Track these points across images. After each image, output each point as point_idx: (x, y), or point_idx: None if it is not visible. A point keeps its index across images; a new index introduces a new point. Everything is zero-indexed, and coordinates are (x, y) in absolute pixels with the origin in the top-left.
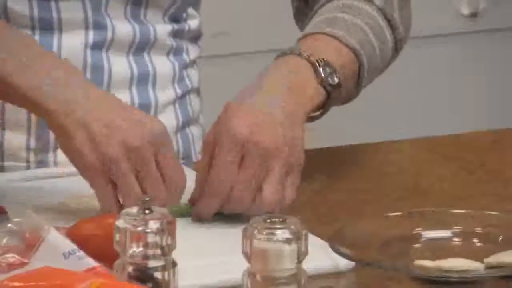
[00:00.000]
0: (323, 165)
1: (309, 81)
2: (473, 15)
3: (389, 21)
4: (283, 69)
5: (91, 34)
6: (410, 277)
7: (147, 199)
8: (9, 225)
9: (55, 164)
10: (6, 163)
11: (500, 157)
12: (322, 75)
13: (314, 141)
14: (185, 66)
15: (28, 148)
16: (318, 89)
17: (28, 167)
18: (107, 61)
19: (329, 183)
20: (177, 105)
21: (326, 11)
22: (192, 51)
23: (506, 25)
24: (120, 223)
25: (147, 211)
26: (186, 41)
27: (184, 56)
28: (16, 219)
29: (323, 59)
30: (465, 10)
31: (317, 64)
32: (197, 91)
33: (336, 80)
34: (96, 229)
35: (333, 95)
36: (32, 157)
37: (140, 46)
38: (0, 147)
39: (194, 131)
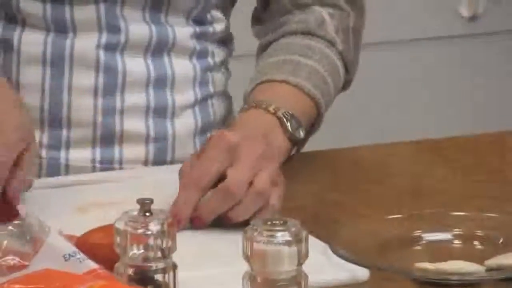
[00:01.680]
0: (323, 167)
1: (279, 135)
2: (473, 17)
3: (345, 65)
4: (252, 123)
5: (104, 36)
6: (410, 280)
7: (147, 201)
8: (10, 227)
9: (67, 161)
10: None
11: (499, 159)
12: (290, 129)
13: (313, 143)
14: (209, 69)
15: (40, 145)
16: (286, 142)
17: (40, 164)
18: (122, 63)
19: (329, 185)
20: (196, 109)
21: (288, 49)
22: (218, 54)
23: (506, 27)
24: (120, 225)
25: (147, 213)
26: (211, 44)
27: (209, 59)
28: (16, 222)
29: (290, 113)
30: (465, 13)
31: (284, 119)
32: (223, 94)
33: (302, 134)
34: (104, 238)
35: (299, 147)
36: (44, 154)
37: (158, 48)
38: None
39: None
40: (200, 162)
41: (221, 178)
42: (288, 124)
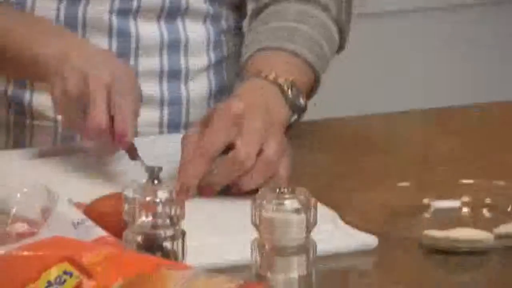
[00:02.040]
0: (330, 136)
1: (280, 103)
2: None
3: (340, 30)
4: (254, 92)
5: (117, 1)
6: (418, 247)
7: (156, 169)
8: (19, 195)
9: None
10: (35, 122)
11: (509, 128)
12: (290, 97)
13: (320, 112)
14: (223, 32)
15: None
16: (287, 110)
17: (55, 127)
18: (135, 27)
19: (338, 154)
20: (211, 72)
21: (282, 15)
22: (232, 17)
23: None
24: (129, 193)
25: (155, 181)
26: (225, 8)
27: (223, 22)
28: (25, 189)
29: (290, 80)
30: None
31: (284, 87)
32: (236, 57)
33: (302, 102)
34: (112, 206)
35: (299, 114)
36: (59, 117)
37: (172, 12)
38: (29, 106)
39: None
40: (207, 134)
41: (228, 148)
42: (289, 91)
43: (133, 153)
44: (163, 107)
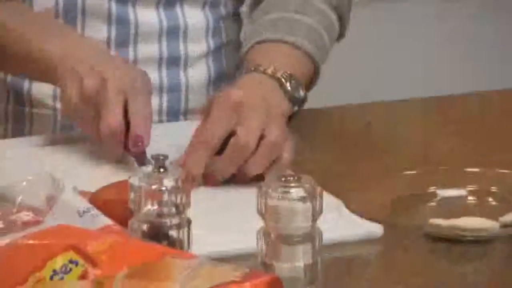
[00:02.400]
0: (337, 124)
1: (279, 97)
2: None
3: (340, 20)
4: (252, 86)
5: None
6: (423, 236)
7: (162, 157)
8: (24, 183)
9: None
10: (34, 110)
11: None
12: (289, 90)
13: (322, 100)
14: (222, 18)
15: (55, 96)
16: (287, 102)
17: (55, 115)
18: (134, 14)
19: (341, 142)
20: (210, 59)
21: (283, 5)
22: (230, 4)
23: None
24: (134, 181)
25: (161, 169)
26: None
27: (221, 9)
28: (30, 177)
29: (288, 73)
30: None
31: (283, 80)
32: (236, 43)
33: (301, 94)
34: (118, 194)
35: (299, 106)
36: (58, 105)
37: None
38: (28, 95)
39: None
40: (207, 122)
41: (230, 136)
42: (288, 84)
43: (142, 160)
44: (162, 94)
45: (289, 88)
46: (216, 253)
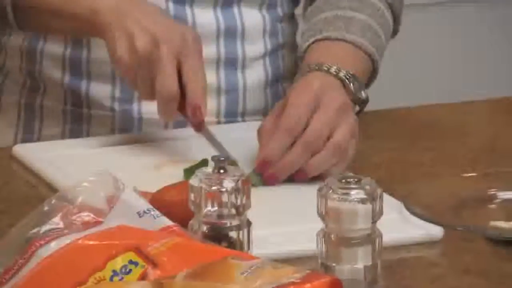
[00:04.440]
0: (397, 125)
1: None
2: None
3: (394, 16)
4: (318, 84)
5: None
6: (484, 238)
7: (222, 158)
8: (85, 183)
9: (139, 114)
10: (92, 111)
11: None
12: (353, 90)
13: (389, 102)
14: (279, 20)
15: (113, 98)
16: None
17: (113, 116)
18: (191, 15)
19: (405, 143)
20: (267, 60)
21: (338, 2)
22: (287, 5)
23: None
24: (195, 182)
25: (221, 171)
26: None
27: (278, 9)
28: (91, 178)
29: (351, 74)
30: None
31: (346, 81)
32: (291, 45)
33: (363, 95)
34: (178, 196)
35: (361, 108)
36: (117, 106)
37: (229, 0)
38: (86, 95)
39: (287, 86)
40: (288, 109)
41: None
42: (351, 85)
43: (200, 127)
44: (220, 96)
45: (352, 89)
46: (276, 255)
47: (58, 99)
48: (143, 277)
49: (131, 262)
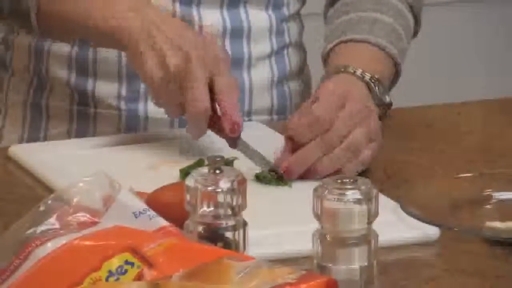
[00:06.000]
0: (393, 125)
1: (369, 101)
2: None
3: (415, 18)
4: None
5: None
6: (480, 239)
7: (218, 158)
8: (80, 184)
9: (146, 113)
10: (98, 110)
11: None
12: (378, 94)
13: None
14: (285, 19)
15: (119, 97)
16: (375, 107)
17: (119, 116)
18: (198, 15)
19: (400, 144)
20: (273, 59)
21: (360, 5)
22: (293, 5)
23: None
24: (190, 182)
25: (217, 171)
26: None
27: (284, 9)
28: (87, 178)
29: (376, 78)
30: None
31: (372, 84)
32: (297, 45)
33: (387, 98)
34: (174, 196)
35: (385, 111)
36: (123, 105)
37: (235, 0)
38: (92, 95)
39: (293, 86)
40: (314, 109)
41: None
42: (376, 89)
43: (236, 142)
44: None
45: (377, 92)
46: (272, 255)
47: (64, 98)
48: (139, 277)
49: (127, 262)
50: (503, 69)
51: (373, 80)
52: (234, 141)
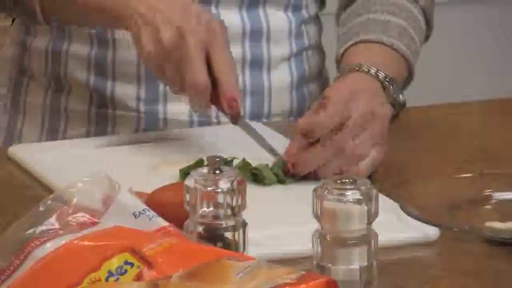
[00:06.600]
0: (395, 126)
1: (383, 99)
2: None
3: (427, 21)
4: (359, 84)
5: None
6: (480, 239)
7: (218, 159)
8: (80, 184)
9: (165, 114)
10: (117, 112)
11: None
12: (392, 93)
13: None
14: (304, 22)
15: (138, 99)
16: (389, 106)
17: (138, 117)
18: (217, 15)
19: (400, 144)
20: (292, 62)
21: (373, 6)
22: (312, 7)
23: None
24: (190, 182)
25: (217, 171)
26: None
27: (303, 11)
28: (86, 178)
29: (390, 77)
30: None
31: (386, 83)
32: (317, 47)
33: (401, 98)
34: (174, 196)
35: (398, 111)
36: (142, 107)
37: (253, 1)
38: (111, 96)
39: (312, 89)
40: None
41: None
42: (391, 88)
43: (237, 118)
44: (245, 97)
45: (391, 91)
46: (271, 255)
47: (83, 100)
48: (138, 277)
49: (126, 262)
50: (504, 69)
51: (387, 79)
52: (234, 117)
